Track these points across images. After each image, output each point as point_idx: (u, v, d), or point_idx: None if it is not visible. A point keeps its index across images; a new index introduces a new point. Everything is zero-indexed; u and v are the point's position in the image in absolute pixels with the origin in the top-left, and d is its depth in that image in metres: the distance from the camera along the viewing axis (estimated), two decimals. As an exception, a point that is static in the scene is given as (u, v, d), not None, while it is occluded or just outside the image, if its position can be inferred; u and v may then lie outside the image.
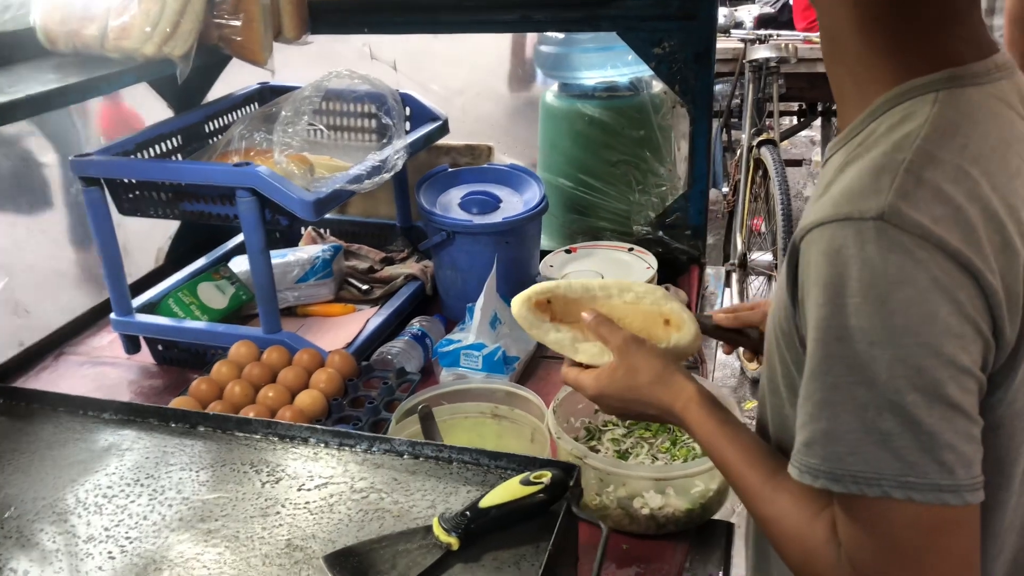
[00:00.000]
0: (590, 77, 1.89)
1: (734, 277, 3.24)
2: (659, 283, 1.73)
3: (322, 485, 0.87)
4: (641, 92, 1.85)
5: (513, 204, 1.72)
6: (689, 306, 1.67)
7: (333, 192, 1.42)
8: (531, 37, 2.52)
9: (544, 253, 1.81)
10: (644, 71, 1.81)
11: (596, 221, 1.91)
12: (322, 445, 0.94)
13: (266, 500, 0.85)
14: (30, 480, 0.90)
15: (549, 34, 1.94)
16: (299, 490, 0.86)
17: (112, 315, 1.58)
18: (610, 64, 1.86)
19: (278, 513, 0.83)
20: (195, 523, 0.82)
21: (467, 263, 1.65)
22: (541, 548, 0.76)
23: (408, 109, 1.81)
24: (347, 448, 0.93)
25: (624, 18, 1.64)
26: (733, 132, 3.63)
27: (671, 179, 1.82)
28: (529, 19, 1.72)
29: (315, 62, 1.82)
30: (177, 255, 1.92)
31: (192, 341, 1.56)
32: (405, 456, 0.91)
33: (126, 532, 0.82)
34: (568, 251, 1.83)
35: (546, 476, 0.82)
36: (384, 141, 1.68)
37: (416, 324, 1.61)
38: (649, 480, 1.14)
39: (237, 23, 1.58)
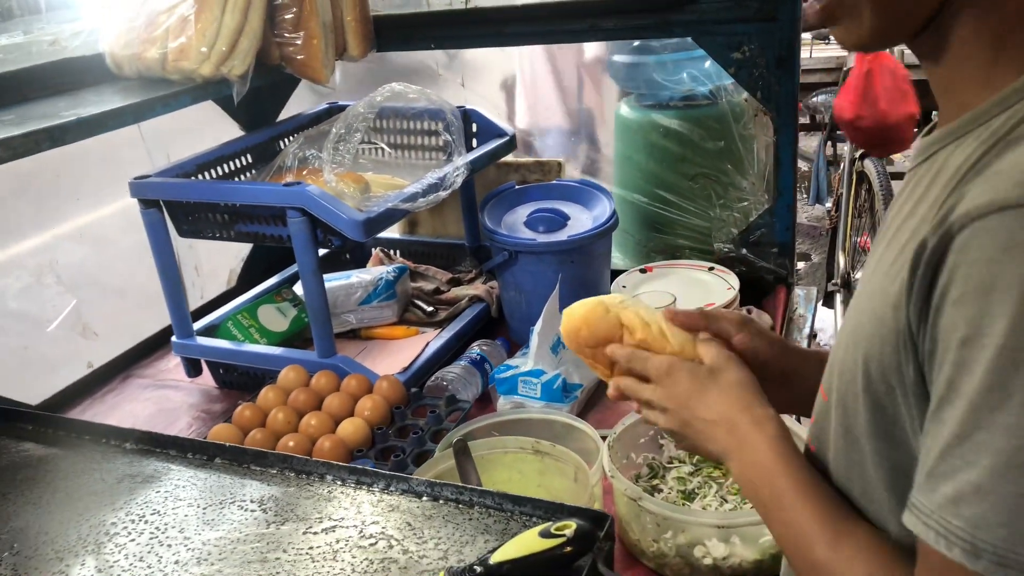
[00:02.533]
0: (666, 87, 1.78)
1: (838, 298, 3.03)
2: (741, 305, 1.60)
3: (330, 529, 0.80)
4: (721, 101, 1.72)
5: (582, 221, 1.62)
6: (773, 330, 1.54)
7: (385, 211, 1.36)
8: (593, 47, 2.42)
9: (618, 273, 1.70)
10: (723, 78, 1.69)
11: (674, 239, 1.79)
12: (338, 483, 0.86)
13: (268, 543, 0.78)
14: (38, 513, 0.86)
15: (622, 43, 1.84)
16: (304, 533, 0.79)
17: (173, 338, 1.57)
18: (687, 72, 1.75)
19: (278, 559, 0.76)
20: (190, 566, 0.76)
21: (531, 284, 1.56)
22: (558, 612, 0.66)
23: (474, 125, 1.75)
24: (364, 487, 0.85)
25: (699, 22, 1.53)
26: (837, 145, 3.42)
27: (754, 193, 1.68)
28: (598, 28, 1.63)
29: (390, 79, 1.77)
30: (249, 276, 1.91)
31: (249, 364, 1.53)
32: (424, 498, 0.83)
33: (118, 574, 0.76)
34: (643, 271, 1.72)
35: (569, 527, 0.72)
36: (446, 157, 1.62)
37: (476, 348, 1.53)
38: (712, 527, 1.02)
39: (298, 41, 1.56)
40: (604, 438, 1.13)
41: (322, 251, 1.57)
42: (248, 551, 0.78)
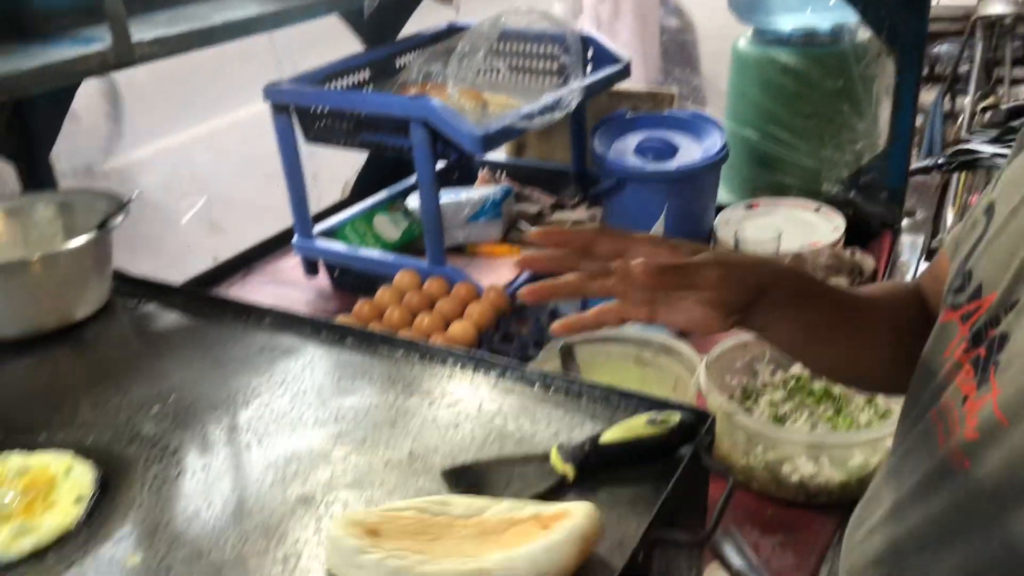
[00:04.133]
0: (788, 22, 1.75)
1: (942, 256, 2.95)
2: (846, 246, 1.59)
3: (452, 404, 0.87)
4: (843, 40, 1.69)
5: (691, 152, 1.64)
6: (875, 276, 1.54)
7: (503, 128, 1.41)
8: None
9: (722, 208, 1.72)
10: (848, 16, 1.66)
11: (782, 177, 1.79)
12: (458, 367, 0.94)
13: (397, 412, 0.87)
14: (190, 372, 0.97)
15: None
16: (430, 406, 0.87)
17: (295, 238, 1.68)
18: (810, 8, 1.72)
19: (406, 425, 0.84)
20: (327, 424, 0.85)
21: (636, 211, 1.60)
22: (660, 491, 0.72)
23: (590, 50, 1.77)
24: (481, 372, 0.92)
25: (828, -45, 1.51)
26: (956, 99, 3.29)
27: (869, 136, 1.67)
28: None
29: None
30: (361, 189, 1.99)
31: (364, 268, 1.62)
32: (536, 386, 0.90)
33: (265, 426, 0.86)
34: (749, 206, 1.73)
35: (675, 418, 0.77)
36: (561, 82, 1.65)
37: (578, 269, 1.59)
38: (802, 446, 1.06)
39: (427, -42, 1.60)
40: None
41: (439, 164, 1.64)
42: (379, 416, 0.86)
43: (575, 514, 0.66)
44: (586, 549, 0.65)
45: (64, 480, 0.80)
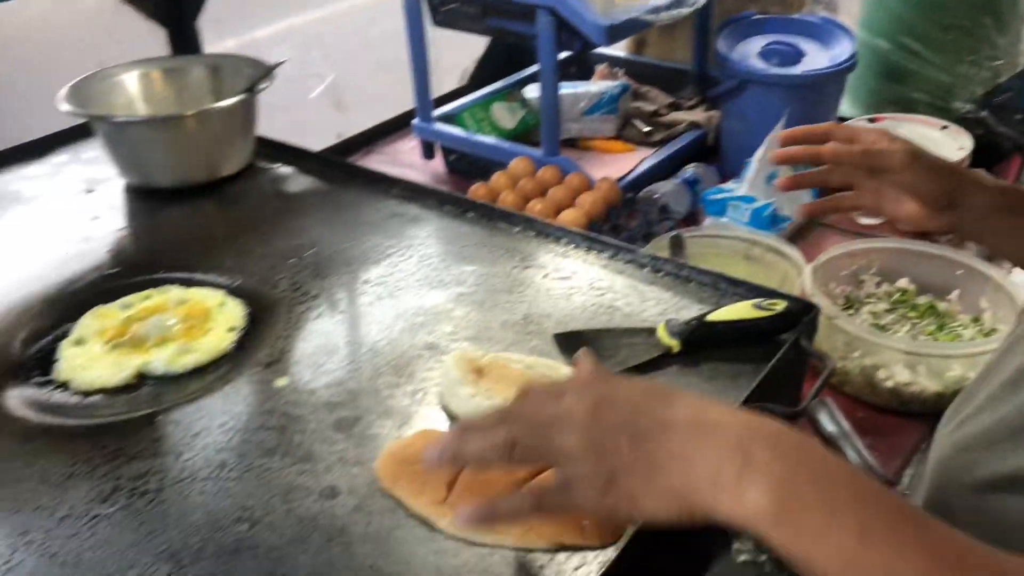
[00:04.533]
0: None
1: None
2: (971, 167, 1.55)
3: (565, 278, 0.93)
4: (995, -53, 1.60)
5: (818, 59, 1.61)
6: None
7: (629, 20, 1.42)
8: None
9: (843, 120, 1.69)
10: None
11: (911, 91, 1.73)
12: (572, 245, 0.99)
13: (514, 280, 0.93)
14: (328, 229, 1.05)
15: None
16: (544, 277, 0.93)
17: (415, 120, 1.74)
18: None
19: (522, 292, 0.91)
20: (450, 286, 0.92)
21: (755, 115, 1.59)
22: (760, 369, 0.77)
23: (722, -53, 1.73)
24: (594, 251, 0.97)
25: None
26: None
27: (1010, 53, 1.59)
28: None
29: None
30: (480, 77, 2.03)
31: (480, 153, 1.67)
32: (646, 269, 0.94)
33: (395, 282, 0.94)
34: (872, 120, 1.69)
35: (779, 305, 0.81)
36: (691, -22, 1.63)
37: (689, 170, 1.60)
38: (900, 352, 1.08)
39: None
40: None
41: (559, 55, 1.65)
42: (496, 283, 0.93)
43: None
44: None
45: (218, 312, 0.90)
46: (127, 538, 0.63)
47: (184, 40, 1.47)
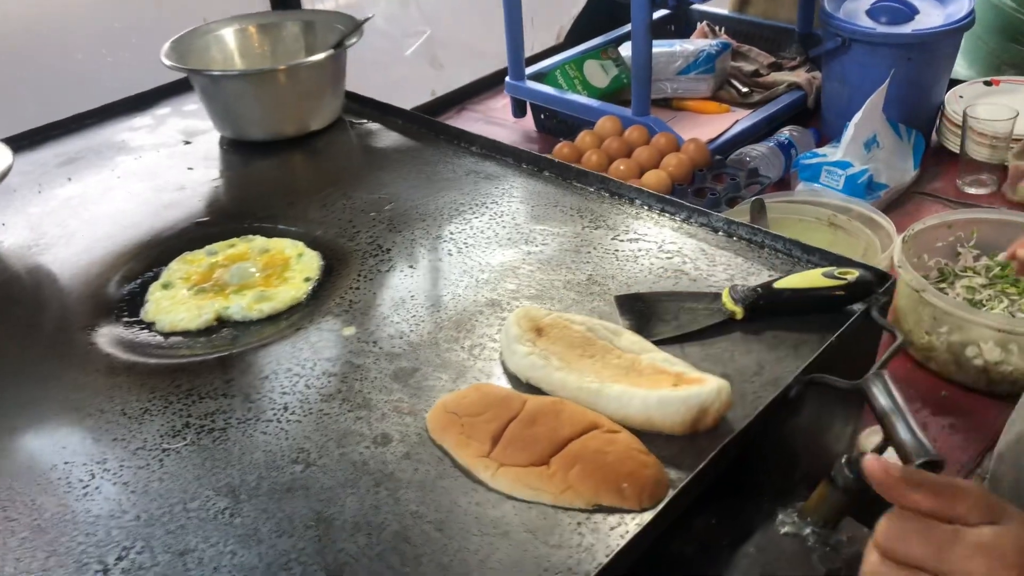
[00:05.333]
0: None
1: None
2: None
3: (634, 240, 0.92)
4: None
5: (931, 18, 1.51)
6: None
7: (725, -24, 1.37)
8: None
9: (956, 83, 1.59)
10: None
11: (1034, 52, 1.62)
12: (645, 207, 0.98)
13: (581, 241, 0.93)
14: (407, 185, 1.07)
15: None
16: (612, 239, 0.92)
17: (507, 79, 1.73)
18: None
19: (588, 253, 0.90)
20: (519, 244, 0.93)
21: (858, 77, 1.51)
22: (825, 339, 0.74)
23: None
24: (667, 214, 0.96)
25: None
26: None
27: None
28: None
29: None
30: (576, 34, 2.00)
31: (568, 112, 1.66)
32: (719, 233, 0.92)
33: (465, 239, 0.95)
34: (988, 83, 1.59)
35: (852, 274, 0.78)
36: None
37: (785, 132, 1.55)
38: (992, 330, 1.02)
39: None
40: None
41: (656, 14, 1.61)
42: (565, 243, 0.93)
43: (707, 384, 0.67)
44: (703, 419, 0.66)
45: (296, 262, 0.94)
46: (191, 472, 0.67)
47: (283, -4, 1.51)
